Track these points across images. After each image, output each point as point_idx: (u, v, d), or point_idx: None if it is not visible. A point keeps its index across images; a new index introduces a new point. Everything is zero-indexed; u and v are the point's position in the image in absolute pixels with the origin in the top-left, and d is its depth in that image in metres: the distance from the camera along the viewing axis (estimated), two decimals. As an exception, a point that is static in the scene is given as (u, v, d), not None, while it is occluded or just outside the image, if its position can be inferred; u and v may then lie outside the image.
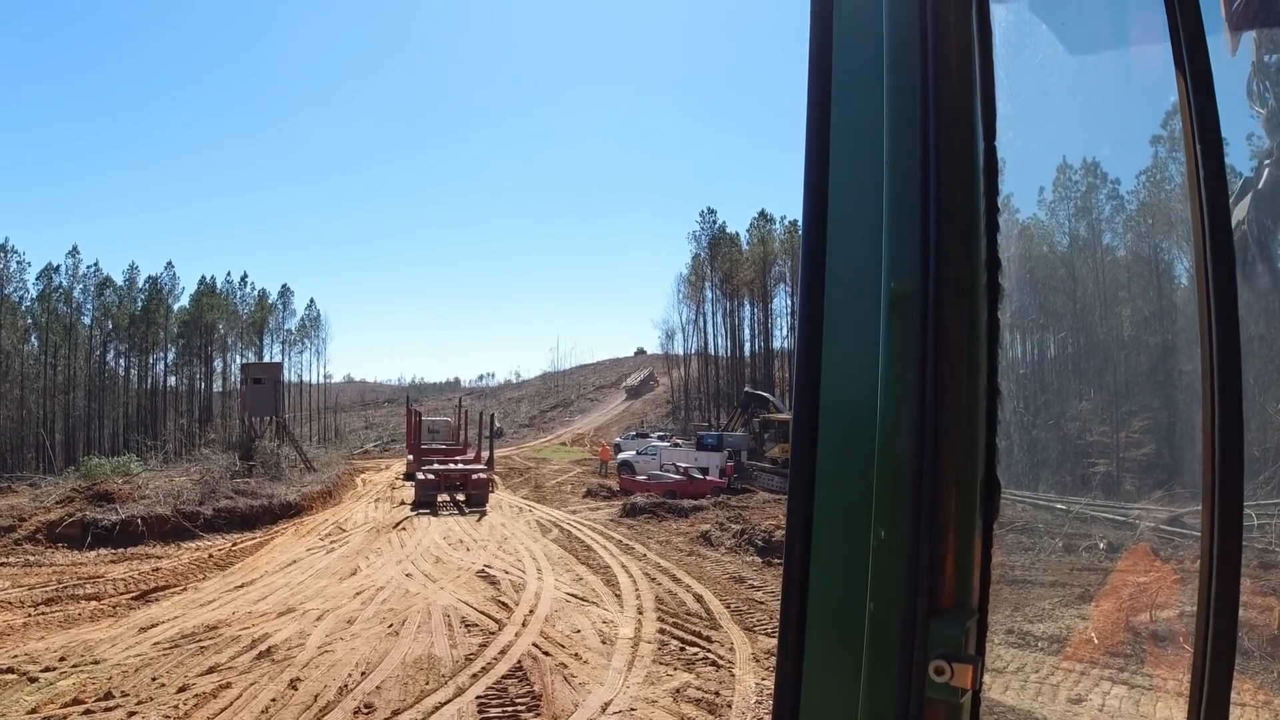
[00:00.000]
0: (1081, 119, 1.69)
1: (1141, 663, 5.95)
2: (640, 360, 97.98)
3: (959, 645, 0.80)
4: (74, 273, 68.50)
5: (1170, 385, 5.17)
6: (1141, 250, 8.39)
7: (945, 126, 0.86)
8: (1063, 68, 1.36)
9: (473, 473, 27.86)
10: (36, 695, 8.82)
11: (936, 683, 0.79)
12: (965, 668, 0.78)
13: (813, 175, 0.97)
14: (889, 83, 0.90)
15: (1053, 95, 1.23)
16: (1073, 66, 1.41)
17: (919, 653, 0.80)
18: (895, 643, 0.81)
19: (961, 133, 0.88)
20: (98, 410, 68.14)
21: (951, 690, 0.79)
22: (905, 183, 0.87)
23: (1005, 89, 0.92)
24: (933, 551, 0.81)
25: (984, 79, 0.90)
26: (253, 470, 30.38)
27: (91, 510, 19.71)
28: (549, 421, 76.55)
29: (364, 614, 12.33)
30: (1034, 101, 1.15)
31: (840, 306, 0.92)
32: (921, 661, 0.80)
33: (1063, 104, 1.36)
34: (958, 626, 0.81)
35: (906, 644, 0.80)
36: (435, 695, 8.86)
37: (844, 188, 0.95)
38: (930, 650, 0.80)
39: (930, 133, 0.86)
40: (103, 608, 13.03)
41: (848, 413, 0.91)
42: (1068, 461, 11.01)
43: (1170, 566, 5.10)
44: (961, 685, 0.78)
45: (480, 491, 26.62)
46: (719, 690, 9.10)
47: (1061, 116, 1.45)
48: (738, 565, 16.53)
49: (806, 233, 0.97)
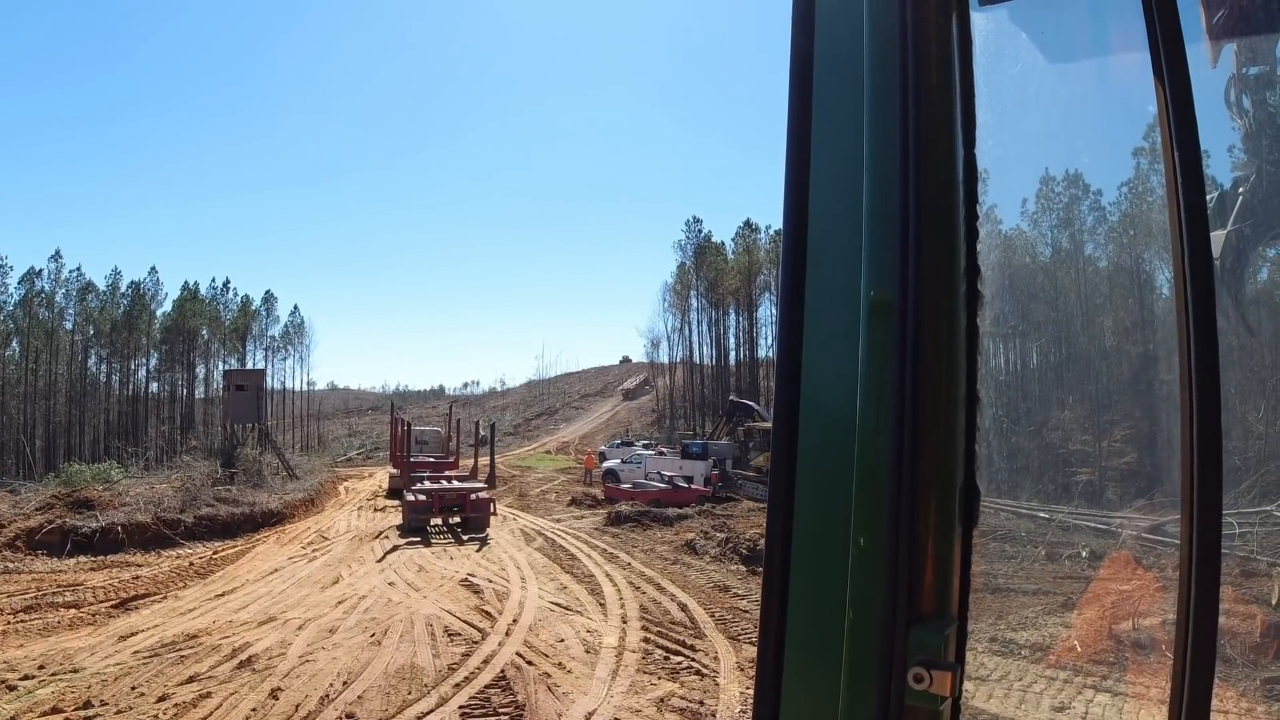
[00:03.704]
0: (1062, 128, 1.71)
1: (1124, 670, 5.98)
2: (629, 368, 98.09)
3: (939, 652, 0.79)
4: (56, 277, 68.07)
5: (1152, 395, 5.21)
6: (1123, 261, 8.45)
7: (925, 134, 0.86)
8: (1043, 76, 1.36)
9: (472, 492, 23.65)
10: (15, 704, 8.70)
11: (916, 690, 0.78)
12: (945, 675, 0.78)
13: (793, 182, 0.97)
14: (870, 89, 0.91)
15: (1033, 104, 1.24)
16: (1053, 75, 1.42)
17: (898, 660, 0.79)
18: (874, 650, 0.81)
19: (942, 140, 0.88)
20: (79, 416, 67.54)
21: (931, 698, 0.78)
22: (886, 190, 0.87)
23: (985, 98, 0.92)
24: (912, 558, 0.81)
25: (964, 87, 0.90)
26: (234, 478, 30.16)
27: (71, 517, 19.46)
28: (534, 430, 76.43)
29: (346, 623, 12.23)
30: (1014, 110, 1.16)
31: (820, 314, 0.92)
32: (901, 669, 0.79)
33: (1043, 113, 1.36)
34: (937, 634, 0.80)
35: (886, 651, 0.80)
36: (418, 705, 8.79)
37: (825, 195, 0.95)
38: (910, 658, 0.79)
39: (910, 140, 0.86)
40: (82, 616, 12.86)
41: (827, 420, 0.90)
42: (1050, 470, 11.08)
43: (1152, 575, 5.13)
44: (941, 693, 0.78)
45: (481, 514, 22.68)
46: (703, 699, 9.07)
47: (1042, 125, 1.46)
48: (722, 574, 16.51)
49: (787, 240, 0.97)
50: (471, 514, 22.57)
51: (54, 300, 67.75)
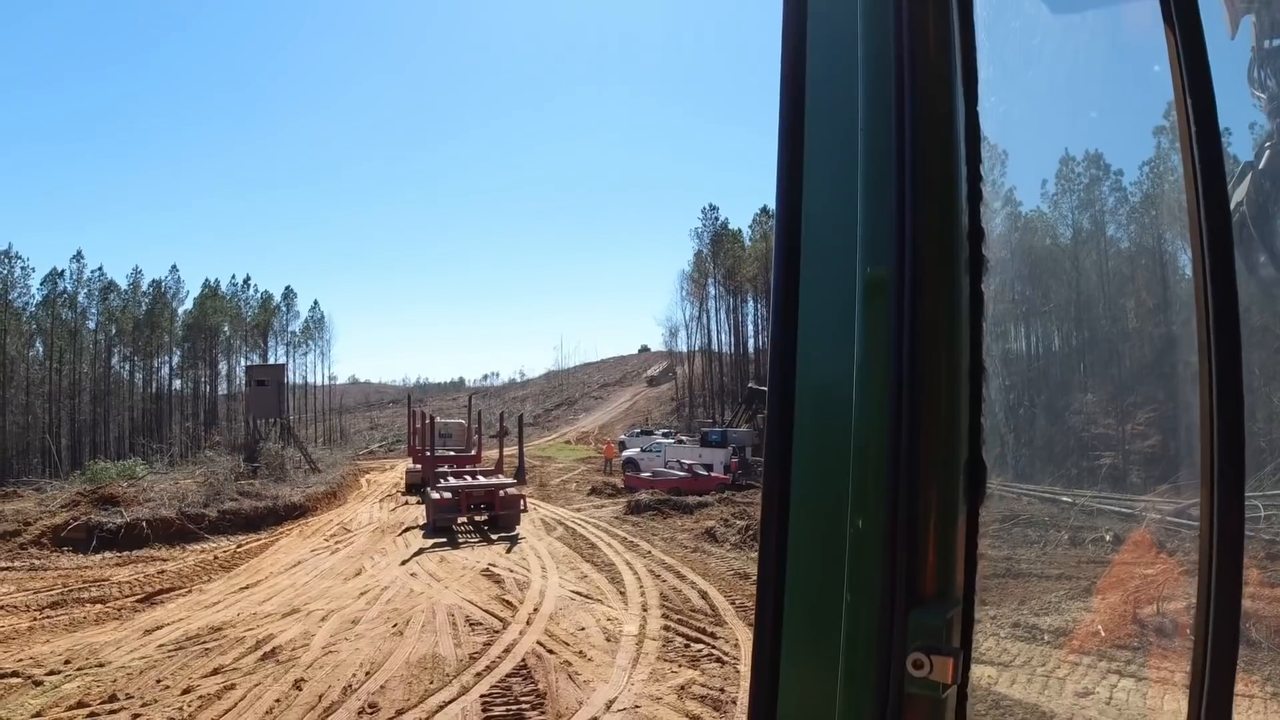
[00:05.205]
0: (1067, 83, 1.65)
1: (1148, 655, 5.90)
2: (648, 357, 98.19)
3: (940, 637, 0.75)
4: (78, 277, 68.85)
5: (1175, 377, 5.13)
6: (1145, 241, 8.33)
7: (922, 89, 0.82)
8: (1048, 28, 1.31)
9: (500, 488, 22.02)
10: (42, 699, 8.81)
11: (915, 677, 0.74)
12: (946, 660, 0.73)
13: (787, 151, 0.93)
14: (864, 48, 0.86)
15: (1036, 58, 1.18)
16: (1059, 27, 1.36)
17: (896, 646, 0.75)
18: (872, 635, 0.76)
19: (940, 97, 0.83)
20: (103, 414, 68.39)
21: (932, 685, 0.73)
22: (880, 153, 0.83)
23: (987, 51, 0.87)
24: (911, 537, 0.76)
25: (964, 40, 0.85)
26: (257, 472, 30.40)
27: (97, 514, 19.70)
28: (554, 420, 76.65)
29: (368, 614, 12.30)
30: (1016, 67, 1.10)
31: (816, 286, 0.88)
32: (900, 655, 0.74)
33: (1047, 68, 1.31)
34: (939, 617, 0.75)
35: (884, 636, 0.75)
36: (440, 694, 8.83)
37: (819, 166, 0.91)
38: (909, 643, 0.75)
39: (906, 97, 0.81)
40: (108, 611, 13.01)
41: (822, 396, 0.86)
42: (1073, 454, 10.97)
43: (1176, 559, 5.05)
44: (942, 679, 0.73)
45: (511, 511, 21.31)
46: (724, 687, 9.05)
47: (1047, 81, 1.41)
48: (742, 561, 16.46)
49: (780, 212, 0.93)
50: (501, 512, 21.20)
51: (76, 300, 68.52)
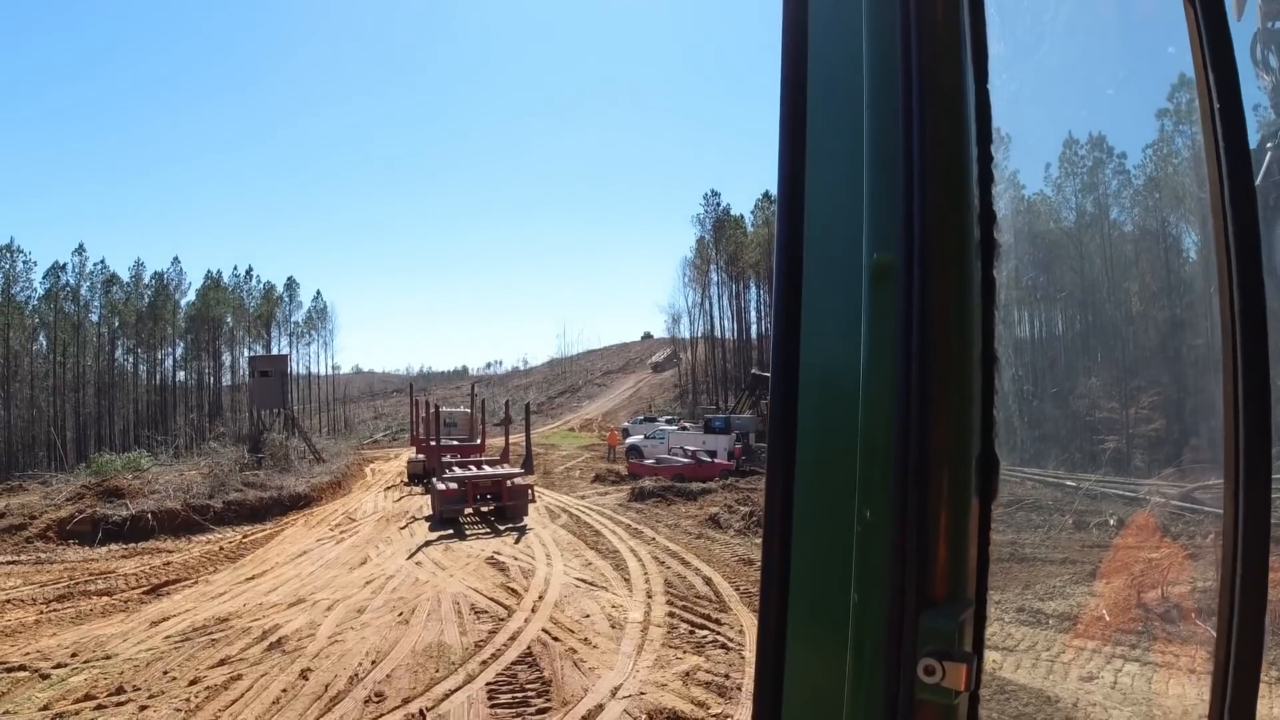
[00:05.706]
0: (1081, 57, 1.60)
1: (1153, 639, 5.88)
2: (651, 344, 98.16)
3: (953, 641, 0.71)
4: (80, 270, 68.74)
5: (1179, 360, 5.07)
6: (1149, 224, 8.27)
7: (929, 66, 0.78)
8: (1060, 3, 1.26)
9: (508, 478, 21.65)
10: (49, 691, 8.84)
11: (927, 683, 0.70)
12: (959, 667, 0.69)
13: (789, 131, 0.89)
14: (869, 22, 0.82)
15: (1048, 34, 1.15)
16: (1071, 3, 1.32)
17: (907, 650, 0.71)
18: (882, 639, 0.73)
19: (949, 73, 0.79)
20: (108, 407, 68.47)
21: (944, 692, 0.70)
22: (886, 132, 0.79)
23: (997, 28, 0.83)
24: (922, 538, 0.73)
25: (973, 15, 0.81)
26: (262, 462, 30.46)
27: (102, 506, 19.74)
28: (557, 407, 76.64)
29: (374, 603, 12.33)
30: (1028, 43, 1.07)
31: (820, 271, 0.84)
32: (910, 660, 0.71)
33: (1060, 43, 1.27)
34: (951, 620, 0.72)
35: (894, 640, 0.72)
36: (445, 683, 8.85)
37: (823, 147, 0.87)
38: (920, 647, 0.71)
39: (914, 73, 0.77)
40: (114, 603, 13.05)
41: (828, 390, 0.82)
42: (1077, 438, 10.92)
43: (1181, 543, 5.02)
44: (954, 686, 0.70)
45: (519, 501, 20.83)
46: (728, 673, 9.06)
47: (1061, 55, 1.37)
48: (746, 547, 16.48)
49: (783, 198, 0.89)
50: (509, 502, 20.79)
51: (79, 293, 68.48)
